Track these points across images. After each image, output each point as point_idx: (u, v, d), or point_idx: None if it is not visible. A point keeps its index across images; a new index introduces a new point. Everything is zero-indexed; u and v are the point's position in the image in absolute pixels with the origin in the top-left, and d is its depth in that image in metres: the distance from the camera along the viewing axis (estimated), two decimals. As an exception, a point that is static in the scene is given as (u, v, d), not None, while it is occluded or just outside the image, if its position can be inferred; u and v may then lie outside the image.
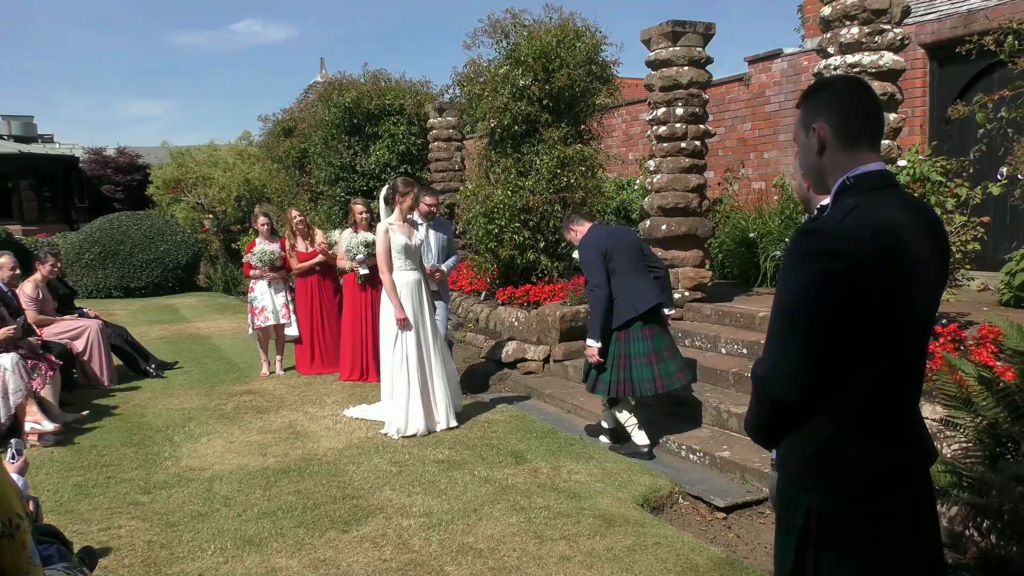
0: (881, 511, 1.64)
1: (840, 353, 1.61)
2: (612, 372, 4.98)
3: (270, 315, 7.47)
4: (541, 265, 8.06)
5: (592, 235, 5.13)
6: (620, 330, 4.98)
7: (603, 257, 4.96)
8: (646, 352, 4.95)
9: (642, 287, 5.00)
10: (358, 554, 3.59)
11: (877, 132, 1.77)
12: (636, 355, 4.95)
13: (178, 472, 4.79)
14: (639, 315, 4.92)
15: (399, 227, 5.59)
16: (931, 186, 4.73)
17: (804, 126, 1.78)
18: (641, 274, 5.05)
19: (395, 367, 5.54)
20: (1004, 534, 3.04)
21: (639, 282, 5.01)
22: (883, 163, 1.73)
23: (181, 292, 16.28)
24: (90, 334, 7.16)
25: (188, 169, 18.89)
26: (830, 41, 4.82)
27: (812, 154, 1.76)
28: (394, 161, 11.81)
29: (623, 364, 4.97)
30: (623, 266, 4.98)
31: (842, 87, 1.77)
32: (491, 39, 8.43)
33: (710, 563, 3.43)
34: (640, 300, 4.95)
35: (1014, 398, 3.21)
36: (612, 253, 4.98)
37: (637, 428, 5.05)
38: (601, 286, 4.93)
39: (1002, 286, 5.66)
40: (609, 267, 4.96)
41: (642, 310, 4.92)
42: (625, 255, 5.02)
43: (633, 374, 4.95)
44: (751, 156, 9.92)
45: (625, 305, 4.95)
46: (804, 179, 1.94)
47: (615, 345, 4.99)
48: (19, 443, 3.07)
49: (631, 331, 4.96)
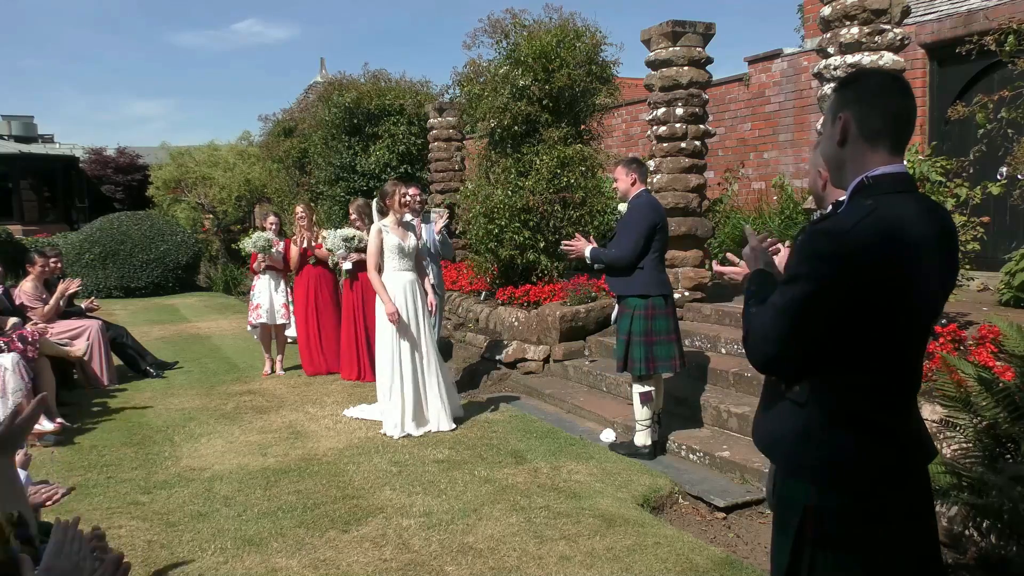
0: (878, 510, 1.64)
1: (839, 351, 1.62)
2: (640, 348, 4.85)
3: (263, 313, 7.47)
4: (541, 265, 8.06)
5: (649, 199, 4.97)
6: (644, 300, 4.86)
7: (652, 229, 4.82)
8: (668, 330, 4.89)
9: (664, 271, 5.02)
10: (358, 554, 3.59)
11: (903, 134, 1.72)
12: (659, 332, 4.87)
13: (178, 472, 4.79)
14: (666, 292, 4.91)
15: (392, 228, 5.61)
16: (931, 186, 4.73)
17: (832, 114, 1.76)
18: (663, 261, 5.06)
19: (389, 367, 5.55)
20: (1004, 534, 3.04)
21: (663, 266, 5.02)
22: (904, 166, 1.70)
23: (181, 292, 16.28)
24: (90, 334, 7.16)
25: (188, 169, 18.90)
26: (830, 41, 4.82)
27: (833, 144, 1.75)
28: (394, 161, 11.81)
29: (649, 340, 4.85)
30: (662, 246, 4.94)
31: (876, 82, 1.73)
32: (491, 39, 8.43)
33: (710, 563, 3.43)
34: (666, 282, 4.98)
35: (1014, 398, 3.21)
36: (660, 230, 4.87)
37: (649, 428, 4.96)
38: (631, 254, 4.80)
39: (1002, 286, 5.66)
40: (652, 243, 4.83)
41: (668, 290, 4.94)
42: (665, 238, 4.99)
43: (656, 351, 4.85)
44: (751, 156, 9.92)
45: (654, 281, 4.88)
46: (823, 173, 1.93)
47: (640, 321, 4.87)
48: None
49: (656, 306, 4.86)
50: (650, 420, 4.96)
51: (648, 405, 4.94)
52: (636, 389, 4.94)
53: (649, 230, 4.81)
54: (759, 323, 1.68)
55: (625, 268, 4.87)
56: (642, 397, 4.93)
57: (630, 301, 4.91)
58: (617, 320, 5.06)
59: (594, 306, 7.14)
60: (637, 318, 4.87)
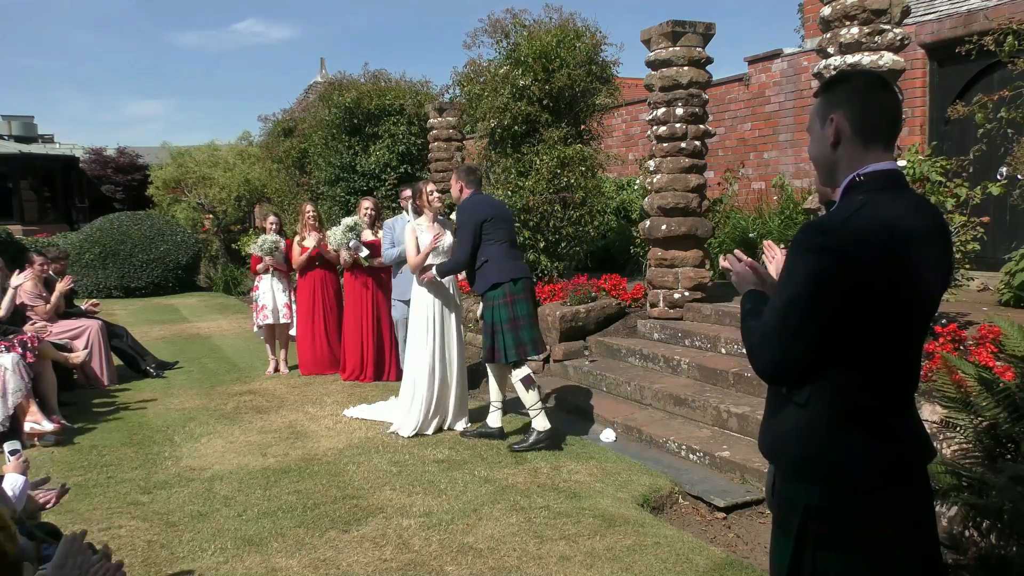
0: (879, 510, 1.64)
1: (837, 348, 1.62)
2: (508, 336, 5.05)
3: (269, 314, 7.51)
4: (541, 265, 8.06)
5: (471, 200, 5.22)
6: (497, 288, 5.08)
7: (478, 226, 5.08)
8: (529, 313, 5.09)
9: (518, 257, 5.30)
10: (358, 554, 3.59)
11: (893, 131, 1.75)
12: (522, 316, 5.06)
13: (178, 472, 4.79)
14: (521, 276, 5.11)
15: (427, 226, 5.59)
16: (931, 186, 4.73)
17: (821, 116, 1.77)
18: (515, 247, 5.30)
19: (416, 366, 5.52)
20: (1004, 534, 3.04)
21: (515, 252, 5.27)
22: (895, 163, 1.72)
23: (181, 292, 16.28)
24: (90, 334, 7.17)
25: (188, 169, 18.88)
26: (830, 41, 4.82)
27: (826, 146, 1.75)
28: (394, 161, 11.80)
29: (516, 326, 5.05)
30: (505, 235, 5.15)
31: (864, 82, 1.75)
32: (491, 39, 8.44)
33: (710, 563, 3.43)
34: (520, 267, 5.20)
35: (1014, 399, 3.21)
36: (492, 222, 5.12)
37: (543, 410, 5.07)
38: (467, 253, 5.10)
39: (1002, 286, 5.66)
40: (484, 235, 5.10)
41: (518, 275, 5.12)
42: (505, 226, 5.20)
43: (523, 335, 5.06)
44: (751, 156, 9.92)
45: (505, 268, 5.09)
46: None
47: (503, 309, 5.05)
48: (13, 444, 3.06)
49: (514, 292, 5.06)
50: (540, 402, 5.09)
51: (532, 388, 5.08)
52: (516, 376, 5.10)
53: (476, 227, 5.08)
54: (759, 331, 1.68)
55: (472, 268, 5.15)
56: (524, 382, 5.08)
57: (488, 294, 5.13)
58: (482, 315, 5.29)
59: (594, 306, 7.14)
60: (498, 307, 5.07)
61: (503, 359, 5.10)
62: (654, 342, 6.68)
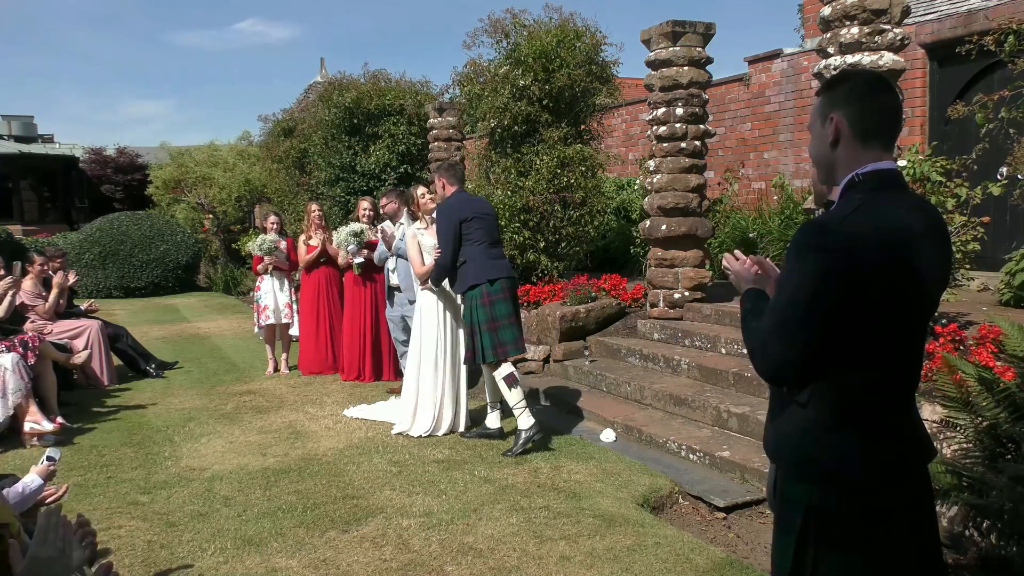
0: (880, 509, 1.64)
1: (838, 347, 1.62)
2: (487, 336, 5.04)
3: (271, 314, 7.52)
4: (541, 265, 8.06)
5: (451, 200, 5.20)
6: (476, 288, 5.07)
7: (457, 226, 5.06)
8: (509, 313, 5.07)
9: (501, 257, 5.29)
10: (358, 554, 3.59)
11: (893, 131, 1.76)
12: (501, 316, 5.05)
13: (178, 472, 4.79)
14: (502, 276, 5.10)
15: (427, 230, 5.59)
16: (931, 186, 4.73)
17: (821, 115, 1.77)
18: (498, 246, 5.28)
19: (423, 367, 5.51)
20: (1004, 534, 3.04)
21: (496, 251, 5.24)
22: (894, 163, 1.72)
23: (181, 292, 16.28)
24: (90, 334, 7.16)
25: (188, 169, 18.88)
26: (830, 41, 4.82)
27: (826, 145, 1.76)
28: (394, 161, 11.80)
29: (494, 327, 5.04)
30: (485, 235, 5.14)
31: (864, 82, 1.76)
32: (491, 39, 8.43)
33: (710, 563, 3.43)
34: (501, 266, 5.17)
35: (1014, 399, 3.21)
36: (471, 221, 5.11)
37: (527, 408, 5.05)
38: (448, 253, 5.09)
39: (1002, 286, 5.66)
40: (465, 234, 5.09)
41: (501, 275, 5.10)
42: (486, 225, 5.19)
43: (502, 336, 5.04)
44: (751, 156, 9.92)
45: (484, 268, 5.08)
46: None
47: (481, 310, 5.04)
48: (57, 451, 3.08)
49: (492, 292, 5.04)
50: (524, 400, 5.07)
51: (515, 386, 5.06)
52: (498, 375, 5.09)
53: (455, 227, 5.06)
54: (761, 332, 1.68)
55: (453, 269, 5.14)
56: (507, 380, 5.06)
57: (467, 295, 5.13)
58: (463, 315, 5.29)
59: (594, 306, 7.14)
60: (477, 307, 5.06)
61: (480, 359, 5.11)
62: (654, 342, 6.68)
